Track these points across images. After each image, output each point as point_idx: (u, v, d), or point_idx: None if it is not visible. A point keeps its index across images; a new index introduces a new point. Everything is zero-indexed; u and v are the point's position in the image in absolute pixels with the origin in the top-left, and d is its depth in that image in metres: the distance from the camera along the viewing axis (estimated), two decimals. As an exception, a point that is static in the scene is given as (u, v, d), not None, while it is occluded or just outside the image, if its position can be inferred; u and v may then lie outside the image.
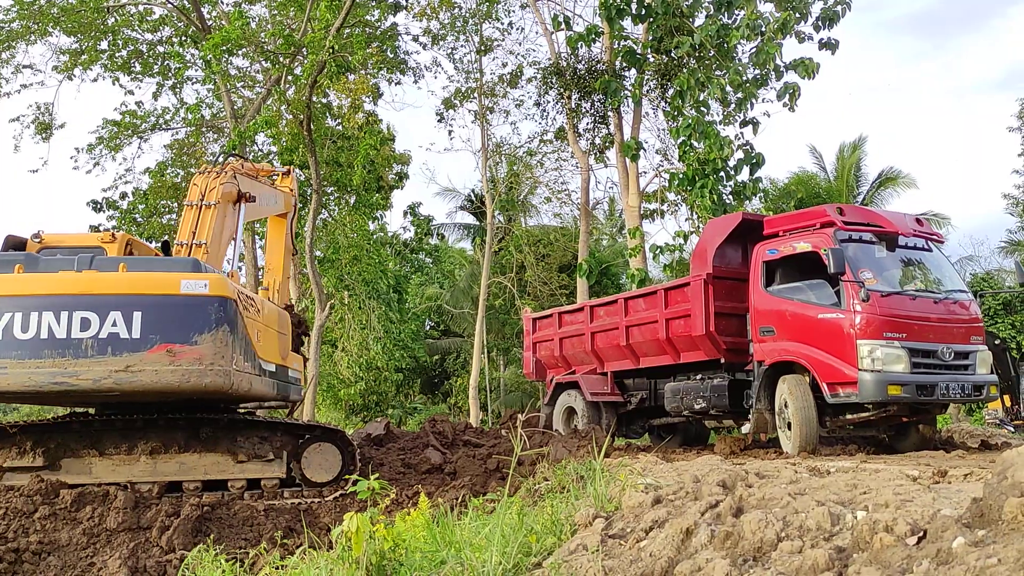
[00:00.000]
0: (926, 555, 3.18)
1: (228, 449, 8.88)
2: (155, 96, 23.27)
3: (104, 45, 22.36)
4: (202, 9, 21.76)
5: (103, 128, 22.91)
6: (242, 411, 10.10)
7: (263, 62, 20.75)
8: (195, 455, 8.77)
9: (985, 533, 3.13)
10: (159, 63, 22.99)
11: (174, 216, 23.31)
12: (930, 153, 70.85)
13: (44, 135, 22.85)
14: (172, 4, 21.63)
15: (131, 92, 24.10)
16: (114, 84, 22.92)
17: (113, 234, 9.76)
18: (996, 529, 3.11)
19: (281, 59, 19.47)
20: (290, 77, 20.03)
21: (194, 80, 23.17)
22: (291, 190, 12.51)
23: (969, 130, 72.24)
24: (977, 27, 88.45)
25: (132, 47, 22.74)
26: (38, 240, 9.20)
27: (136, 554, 7.16)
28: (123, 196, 23.07)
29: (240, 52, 20.05)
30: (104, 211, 22.86)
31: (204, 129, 23.87)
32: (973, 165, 65.69)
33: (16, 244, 9.02)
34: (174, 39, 22.55)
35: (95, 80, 22.87)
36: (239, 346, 7.98)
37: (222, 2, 22.67)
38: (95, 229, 22.08)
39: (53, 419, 8.88)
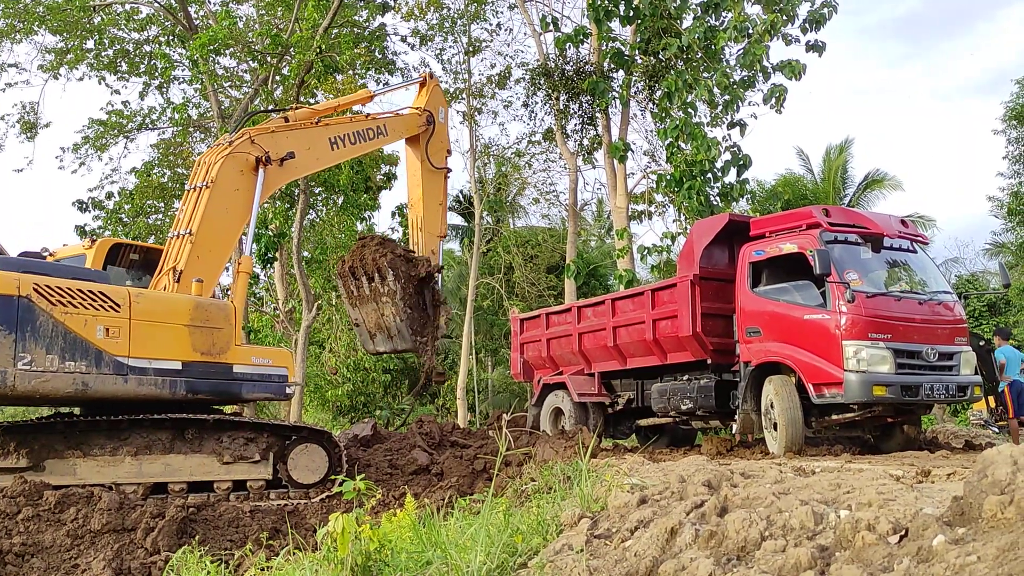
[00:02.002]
0: (907, 553, 3.20)
1: (214, 450, 8.84)
2: (141, 96, 23.15)
3: (90, 44, 22.22)
4: (189, 8, 21.64)
5: (89, 128, 22.79)
6: (228, 412, 10.05)
7: (250, 62, 20.67)
8: (180, 456, 8.72)
9: (965, 531, 3.15)
10: (146, 62, 22.86)
11: (161, 216, 23.21)
12: (916, 156, 71.33)
13: (29, 134, 22.72)
14: (159, 3, 21.51)
15: (117, 91, 24.08)
16: (100, 83, 22.80)
17: (92, 240, 9.72)
18: (976, 527, 3.13)
19: (268, 59, 19.42)
20: (277, 77, 19.97)
21: (181, 80, 23.06)
22: (418, 109, 11.20)
23: (955, 133, 72.76)
24: (965, 31, 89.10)
25: (118, 46, 22.61)
26: (51, 255, 9.33)
27: (120, 556, 7.11)
28: (109, 196, 22.94)
29: (227, 52, 19.97)
30: (89, 211, 22.74)
31: (191, 129, 23.76)
32: (959, 168, 66.17)
33: None
34: (161, 38, 22.43)
35: (81, 79, 22.75)
36: (40, 345, 7.81)
37: (209, 1, 22.57)
38: (81, 229, 21.99)
39: (37, 420, 8.82)
